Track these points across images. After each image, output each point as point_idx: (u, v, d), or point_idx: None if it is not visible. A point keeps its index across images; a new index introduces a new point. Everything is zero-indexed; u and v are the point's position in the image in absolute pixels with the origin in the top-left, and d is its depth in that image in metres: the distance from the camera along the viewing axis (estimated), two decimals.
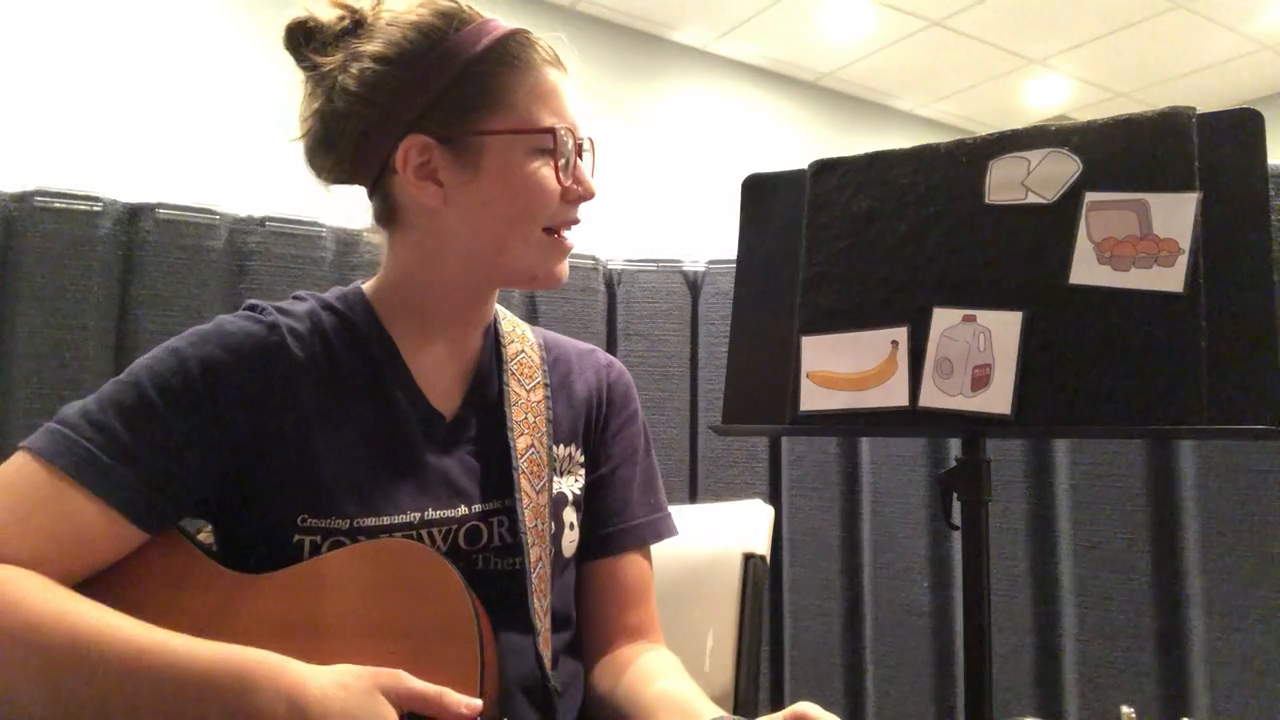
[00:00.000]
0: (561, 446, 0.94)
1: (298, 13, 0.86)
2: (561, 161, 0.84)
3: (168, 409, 0.76)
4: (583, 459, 0.96)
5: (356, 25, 0.85)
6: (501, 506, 0.87)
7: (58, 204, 1.66)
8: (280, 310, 0.86)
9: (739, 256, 1.10)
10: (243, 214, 1.80)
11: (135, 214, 1.73)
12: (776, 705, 1.89)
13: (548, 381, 0.95)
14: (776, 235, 1.07)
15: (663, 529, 0.99)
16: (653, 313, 1.98)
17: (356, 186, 0.91)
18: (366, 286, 0.92)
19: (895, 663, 1.76)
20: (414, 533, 0.82)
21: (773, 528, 1.18)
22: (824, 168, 1.04)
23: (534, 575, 0.84)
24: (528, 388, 0.93)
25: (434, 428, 0.87)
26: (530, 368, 0.94)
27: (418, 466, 0.85)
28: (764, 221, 1.09)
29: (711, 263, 1.98)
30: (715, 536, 1.15)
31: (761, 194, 1.10)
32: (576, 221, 0.88)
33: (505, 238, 0.85)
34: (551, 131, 0.83)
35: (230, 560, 0.77)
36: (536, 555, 0.85)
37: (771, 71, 5.10)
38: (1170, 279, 0.86)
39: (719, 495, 1.90)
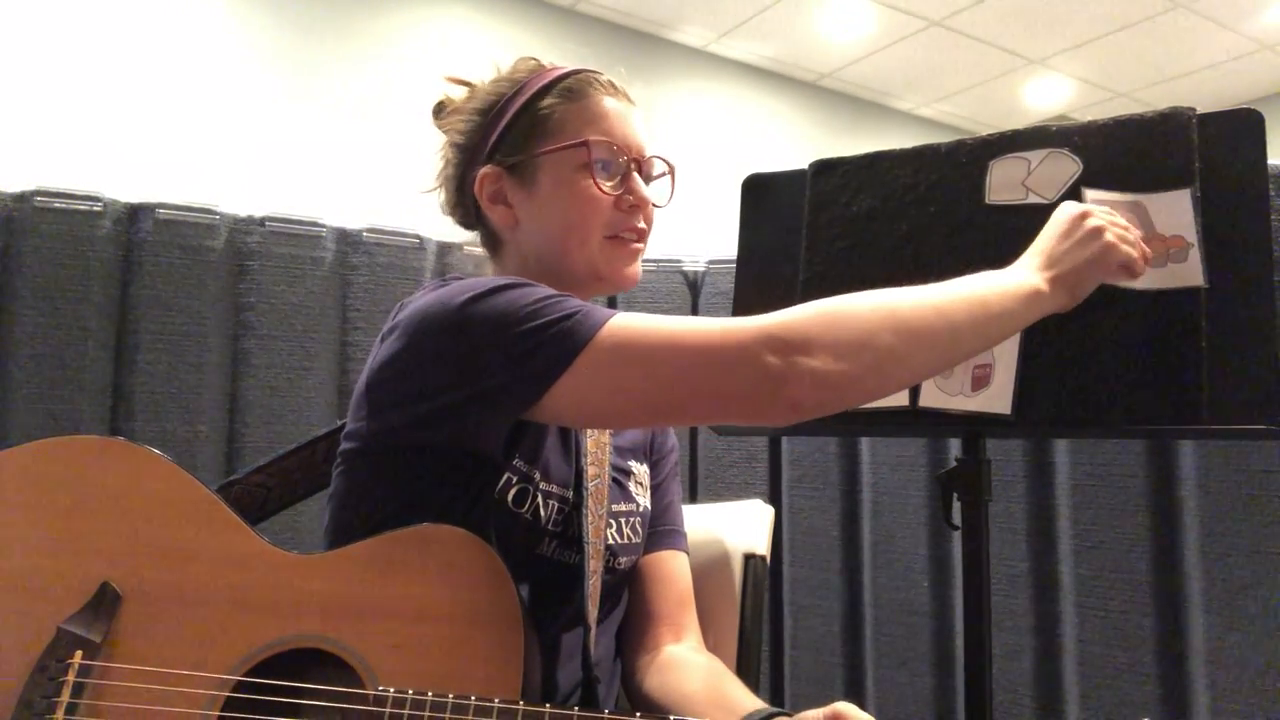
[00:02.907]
0: (637, 464, 1.05)
1: (440, 95, 1.04)
2: (606, 173, 0.93)
3: None
4: (650, 473, 1.07)
5: (470, 94, 1.01)
6: (572, 504, 0.93)
7: (58, 204, 1.66)
8: None
9: (739, 256, 1.10)
10: (243, 214, 1.80)
11: (135, 214, 1.73)
12: (776, 705, 1.88)
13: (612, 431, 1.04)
14: (776, 235, 1.07)
15: (686, 544, 1.09)
16: (653, 312, 1.97)
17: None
18: None
19: (895, 663, 1.76)
20: (564, 507, 0.90)
21: (773, 528, 1.18)
22: (825, 167, 1.04)
23: (590, 584, 0.90)
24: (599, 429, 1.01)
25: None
26: None
27: (553, 447, 0.93)
28: (764, 221, 1.09)
29: (711, 263, 1.98)
30: (715, 536, 1.15)
31: (761, 194, 1.10)
32: (639, 229, 0.96)
33: (566, 243, 0.94)
34: (584, 144, 0.92)
35: (424, 481, 0.82)
36: (594, 568, 0.91)
37: (771, 71, 5.10)
38: (1189, 274, 0.86)
39: (719, 495, 1.90)
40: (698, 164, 4.73)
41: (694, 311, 1.99)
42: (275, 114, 3.63)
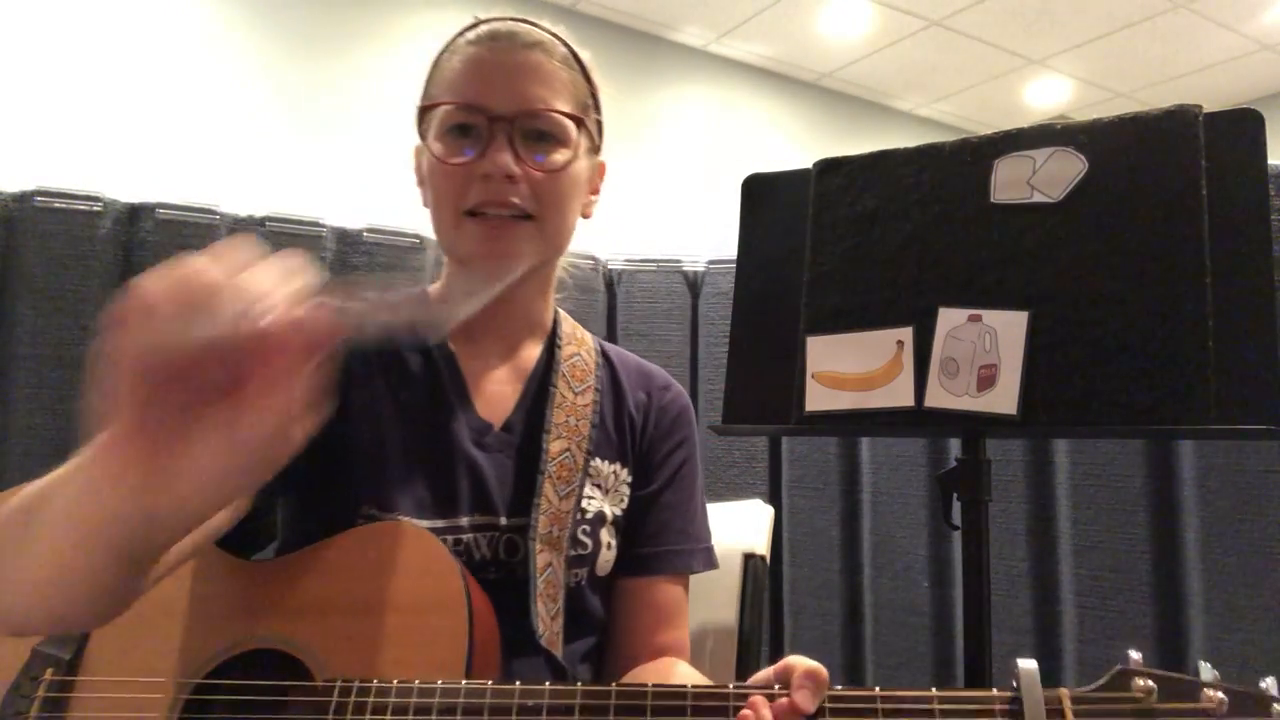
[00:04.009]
0: (607, 464, 0.93)
1: None
2: (458, 138, 0.82)
3: None
4: (629, 478, 0.95)
5: None
6: (529, 522, 0.86)
7: (58, 204, 1.66)
8: None
9: (739, 256, 1.09)
10: (243, 214, 1.80)
11: (135, 214, 1.73)
12: None
13: (599, 387, 0.95)
14: (777, 235, 1.07)
15: (694, 561, 0.96)
16: (653, 313, 1.97)
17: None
18: (431, 288, 0.94)
19: (895, 663, 1.76)
20: (459, 537, 0.84)
21: (773, 528, 1.18)
22: (829, 167, 1.04)
23: (540, 580, 0.82)
24: (577, 390, 0.92)
25: (484, 436, 0.89)
26: (583, 371, 0.94)
27: (467, 476, 0.86)
28: (764, 221, 1.09)
29: (711, 263, 1.98)
30: (715, 536, 1.15)
31: (761, 194, 1.10)
32: (497, 202, 0.82)
33: (436, 224, 0.87)
34: (420, 110, 0.85)
35: (295, 535, 0.83)
36: (545, 561, 0.84)
37: (771, 71, 5.10)
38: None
39: (719, 495, 1.90)
40: (698, 164, 4.74)
41: (694, 311, 1.99)
42: (275, 114, 3.63)
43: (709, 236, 2.12)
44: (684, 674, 0.88)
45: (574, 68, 0.88)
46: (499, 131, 0.81)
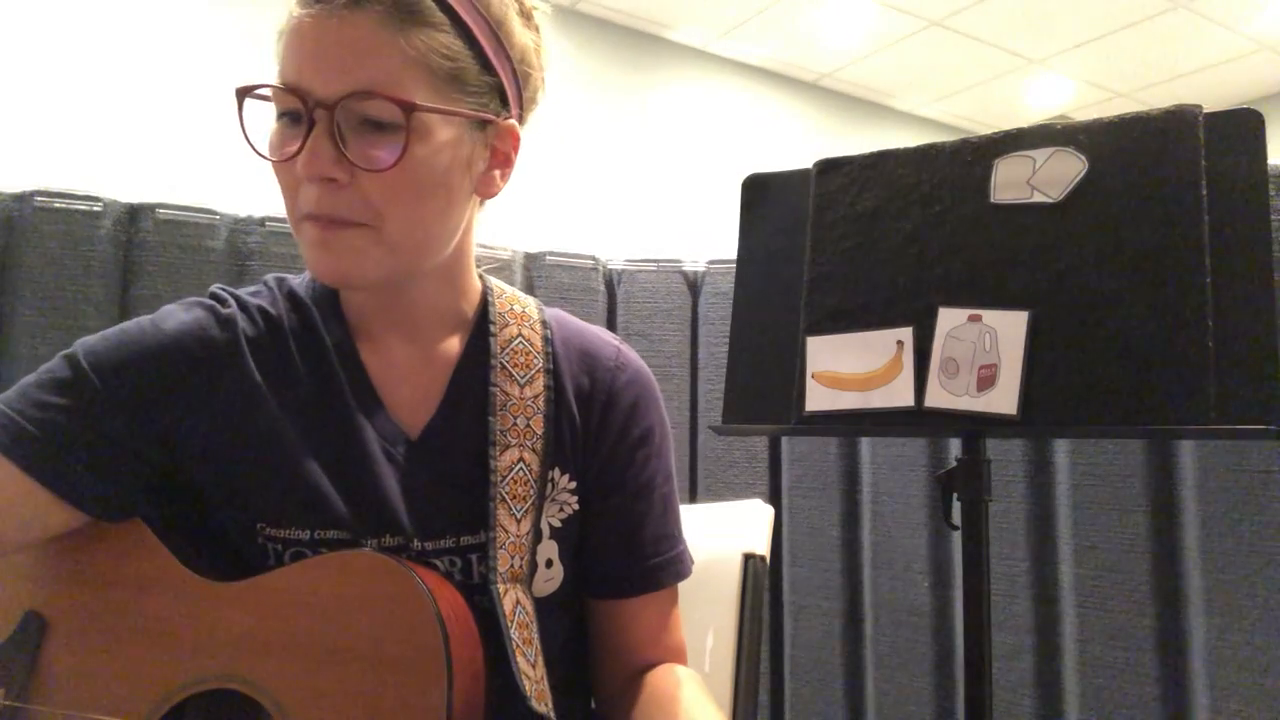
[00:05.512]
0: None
1: None
2: (288, 124, 0.69)
3: (105, 389, 0.70)
4: (573, 485, 0.79)
5: None
6: (457, 545, 0.74)
7: (58, 204, 1.66)
8: (241, 305, 0.77)
9: (739, 256, 1.10)
10: (243, 214, 1.80)
11: (135, 214, 1.73)
12: (777, 705, 1.89)
13: (550, 367, 0.79)
14: (776, 235, 1.07)
15: (681, 568, 0.84)
16: (653, 312, 1.98)
17: None
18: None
19: (895, 663, 1.76)
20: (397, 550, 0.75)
21: (773, 528, 1.18)
22: (829, 166, 1.04)
23: (513, 627, 0.70)
24: (522, 381, 0.77)
25: (397, 447, 0.75)
26: (527, 354, 0.79)
27: (379, 490, 0.73)
28: (764, 221, 1.09)
29: (711, 263, 1.98)
30: (715, 536, 1.15)
31: (761, 194, 1.10)
32: (319, 213, 0.68)
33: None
34: (239, 95, 0.70)
35: (201, 555, 0.73)
36: (512, 602, 0.71)
37: (771, 71, 5.10)
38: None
39: (719, 495, 1.90)
40: (698, 164, 4.74)
41: (694, 311, 1.99)
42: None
43: (709, 236, 2.12)
44: (687, 697, 0.77)
45: (434, 23, 0.67)
46: (320, 121, 0.65)
